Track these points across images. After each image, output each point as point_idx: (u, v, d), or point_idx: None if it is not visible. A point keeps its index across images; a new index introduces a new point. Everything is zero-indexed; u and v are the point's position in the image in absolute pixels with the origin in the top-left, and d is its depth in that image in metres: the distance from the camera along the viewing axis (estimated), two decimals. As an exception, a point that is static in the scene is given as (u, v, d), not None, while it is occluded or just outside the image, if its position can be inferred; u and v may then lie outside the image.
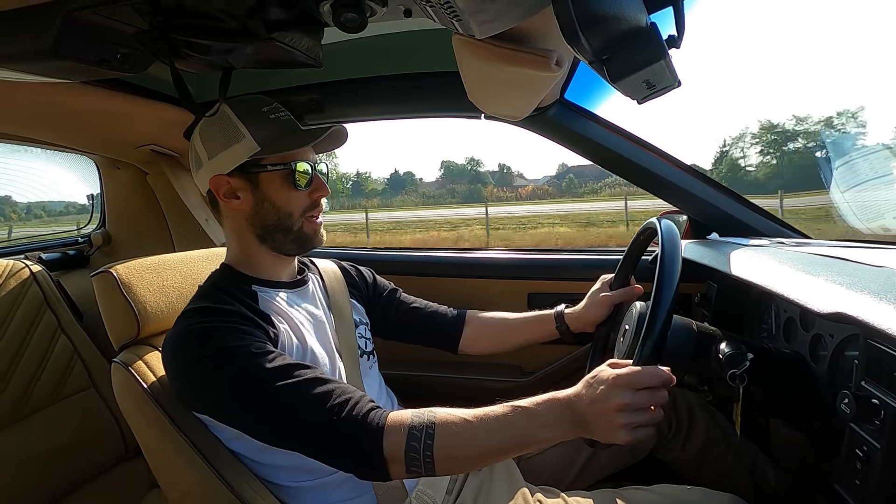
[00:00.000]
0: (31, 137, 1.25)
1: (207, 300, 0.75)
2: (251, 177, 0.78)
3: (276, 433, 0.67)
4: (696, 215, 1.19)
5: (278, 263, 0.85)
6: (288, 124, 0.80)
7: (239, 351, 0.66)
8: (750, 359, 0.67)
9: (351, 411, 0.63)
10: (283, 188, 0.78)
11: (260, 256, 0.82)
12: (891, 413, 0.51)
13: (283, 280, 0.86)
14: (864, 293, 0.52)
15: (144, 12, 0.61)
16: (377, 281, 1.07)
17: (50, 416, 1.17)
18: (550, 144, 1.23)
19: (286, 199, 0.78)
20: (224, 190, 0.78)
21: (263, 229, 0.80)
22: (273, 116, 0.79)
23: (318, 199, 0.82)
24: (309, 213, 0.81)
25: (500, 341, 1.03)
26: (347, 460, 0.64)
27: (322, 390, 0.65)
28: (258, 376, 0.64)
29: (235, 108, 0.78)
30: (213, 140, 0.78)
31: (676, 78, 0.53)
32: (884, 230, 1.05)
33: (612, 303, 0.95)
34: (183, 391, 0.74)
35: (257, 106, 0.79)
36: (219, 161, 0.77)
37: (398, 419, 0.63)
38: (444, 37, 0.69)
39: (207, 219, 1.46)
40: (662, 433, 0.97)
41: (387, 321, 1.04)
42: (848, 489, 0.58)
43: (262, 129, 0.77)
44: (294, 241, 0.81)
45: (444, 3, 0.49)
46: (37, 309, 1.22)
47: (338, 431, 0.63)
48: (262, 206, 0.78)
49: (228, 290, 0.77)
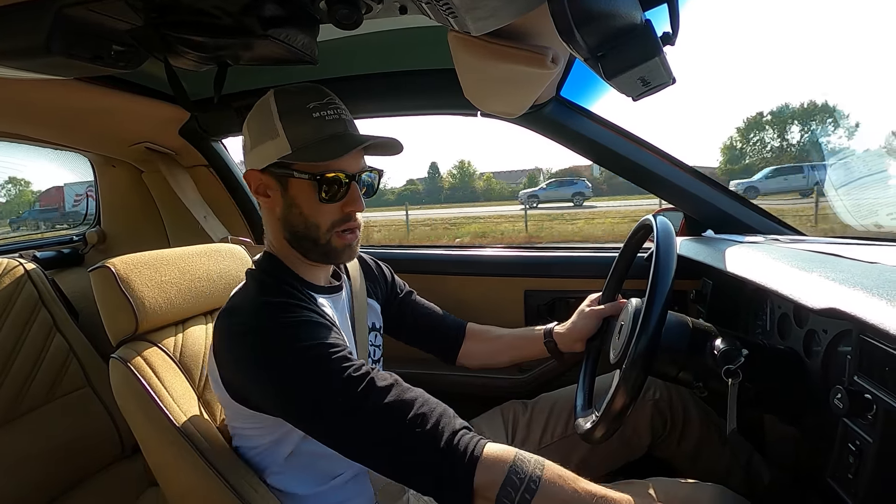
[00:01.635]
0: (26, 135, 1.24)
1: (282, 295, 0.70)
2: (281, 179, 0.72)
3: (354, 445, 0.62)
4: (691, 212, 1.20)
5: (314, 266, 0.80)
6: (333, 126, 0.71)
7: (333, 355, 0.63)
8: (745, 355, 0.68)
9: (445, 434, 0.59)
10: (310, 198, 0.72)
11: (292, 258, 0.78)
12: (883, 408, 0.52)
13: (321, 284, 0.81)
14: (857, 289, 0.53)
15: (138, 8, 0.61)
16: (395, 280, 1.05)
17: (45, 415, 1.16)
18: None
19: (313, 209, 0.72)
20: (256, 185, 0.75)
21: (292, 234, 0.74)
22: (317, 115, 0.71)
23: (350, 214, 0.74)
24: (339, 227, 0.73)
25: (491, 358, 1.04)
26: (431, 485, 0.59)
27: (412, 406, 0.60)
28: (348, 384, 0.61)
29: (281, 99, 0.71)
30: (255, 130, 0.73)
31: (671, 75, 0.53)
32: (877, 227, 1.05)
33: (602, 316, 0.94)
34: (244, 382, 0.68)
35: (305, 100, 0.71)
36: (256, 155, 0.73)
37: (499, 455, 0.58)
38: (440, 34, 0.69)
39: (206, 215, 1.45)
40: (657, 432, 0.98)
41: (400, 323, 1.02)
42: (841, 483, 0.58)
43: (299, 129, 0.70)
44: (322, 254, 0.76)
45: (440, 0, 0.49)
46: (31, 307, 1.22)
47: (427, 454, 0.58)
48: (291, 212, 0.73)
49: (288, 288, 0.73)
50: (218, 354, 0.71)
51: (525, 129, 1.18)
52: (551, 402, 1.03)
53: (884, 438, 0.52)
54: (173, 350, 0.84)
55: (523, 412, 1.04)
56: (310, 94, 0.72)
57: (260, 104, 0.73)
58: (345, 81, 1.20)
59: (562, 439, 0.98)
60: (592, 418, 0.72)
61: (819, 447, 0.66)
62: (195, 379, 0.85)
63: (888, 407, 0.51)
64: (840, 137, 27.91)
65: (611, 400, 0.67)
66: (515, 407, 1.05)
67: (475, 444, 0.59)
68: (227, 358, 0.69)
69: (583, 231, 11.96)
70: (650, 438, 0.98)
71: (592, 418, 0.72)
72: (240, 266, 1.01)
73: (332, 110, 0.72)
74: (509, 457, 0.58)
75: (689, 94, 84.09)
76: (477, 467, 0.57)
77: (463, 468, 0.57)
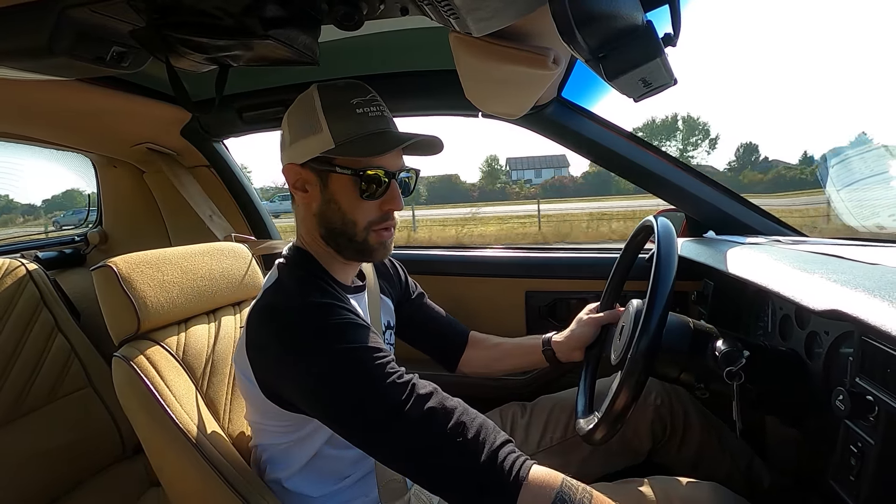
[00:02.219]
0: (28, 136, 1.24)
1: (326, 296, 0.69)
2: (322, 174, 0.72)
3: (389, 450, 0.61)
4: (692, 213, 1.20)
5: (345, 265, 0.80)
6: (376, 122, 0.72)
7: (377, 359, 0.62)
8: (746, 356, 0.68)
9: (486, 447, 0.57)
10: (350, 194, 0.72)
11: (324, 256, 0.78)
12: (885, 410, 0.51)
13: (348, 283, 0.81)
14: (859, 291, 0.52)
15: (140, 9, 0.61)
16: (409, 281, 1.05)
17: (47, 415, 1.16)
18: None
19: (352, 206, 0.72)
20: (295, 180, 0.75)
21: (328, 230, 0.75)
22: (360, 111, 0.71)
23: (388, 212, 0.74)
24: (376, 225, 0.74)
25: (490, 366, 1.04)
26: (468, 500, 0.58)
27: (452, 415, 0.59)
28: (391, 388, 0.60)
29: (325, 94, 0.72)
30: (296, 125, 0.73)
31: (672, 76, 0.53)
32: (879, 228, 1.05)
33: (600, 324, 0.94)
34: (283, 381, 0.67)
35: (348, 96, 0.72)
36: (296, 149, 0.73)
37: (545, 479, 0.56)
38: (441, 35, 0.69)
39: (211, 214, 1.46)
40: (658, 437, 0.97)
41: (408, 324, 1.02)
42: (843, 485, 0.58)
43: (343, 124, 0.70)
44: (356, 252, 0.76)
45: (441, 1, 0.49)
46: (33, 308, 1.22)
47: (467, 468, 0.56)
48: (329, 207, 0.73)
49: (325, 286, 0.73)
50: (255, 351, 0.69)
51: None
52: (551, 405, 1.03)
53: (885, 440, 0.52)
54: (176, 349, 0.84)
55: (522, 414, 1.03)
56: (353, 90, 0.72)
57: (302, 98, 0.73)
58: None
59: (561, 442, 0.98)
60: (593, 419, 0.72)
61: (821, 449, 0.66)
62: (198, 378, 0.85)
63: (890, 409, 0.51)
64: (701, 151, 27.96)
65: (612, 401, 0.67)
66: (514, 409, 1.05)
67: (521, 464, 0.57)
68: (266, 356, 0.68)
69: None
70: (650, 443, 0.98)
71: (593, 419, 0.72)
72: (242, 265, 1.01)
73: (375, 107, 0.73)
74: (556, 482, 0.56)
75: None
76: (522, 490, 0.55)
77: (507, 489, 0.55)
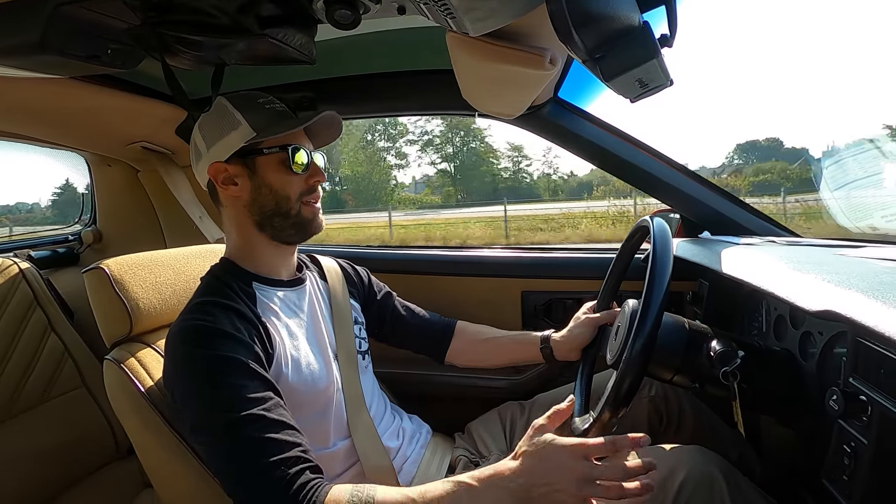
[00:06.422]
0: (21, 134, 1.23)
1: (212, 294, 0.74)
2: (248, 162, 0.78)
3: (208, 458, 0.68)
4: (688, 214, 1.20)
5: (278, 256, 0.85)
6: (283, 113, 0.81)
7: (226, 365, 0.65)
8: (741, 356, 0.68)
9: (289, 477, 0.60)
10: (279, 172, 0.79)
11: (260, 248, 0.82)
12: (878, 410, 0.52)
13: (283, 278, 0.86)
14: (853, 291, 0.53)
15: (136, 7, 0.61)
16: (372, 282, 1.08)
17: (40, 415, 1.15)
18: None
19: (283, 182, 0.79)
20: (222, 177, 0.79)
21: (262, 216, 0.80)
22: (268, 107, 0.80)
23: (314, 185, 0.82)
24: (306, 197, 0.81)
25: (485, 358, 1.05)
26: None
27: (267, 444, 0.61)
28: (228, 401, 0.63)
29: (233, 99, 0.79)
30: (211, 131, 0.79)
31: (669, 77, 0.53)
32: (872, 229, 1.06)
33: (597, 324, 0.95)
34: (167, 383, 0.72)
35: (254, 97, 0.81)
36: (216, 149, 0.78)
37: (335, 498, 0.60)
38: (438, 35, 0.69)
39: (201, 216, 1.45)
40: (654, 427, 0.98)
41: (381, 324, 1.05)
42: (836, 485, 0.59)
43: (257, 115, 0.78)
44: (294, 227, 0.81)
45: (438, 1, 0.49)
46: (26, 307, 1.21)
47: (270, 495, 0.59)
48: (260, 192, 0.79)
49: (230, 284, 0.77)
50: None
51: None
52: (549, 403, 1.03)
53: (879, 440, 0.52)
54: None
55: (521, 413, 1.04)
56: (256, 94, 0.82)
57: (212, 108, 0.79)
58: (343, 81, 1.20)
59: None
60: (589, 419, 0.73)
61: (814, 449, 0.66)
62: None
63: (883, 409, 0.51)
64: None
65: (607, 401, 0.68)
66: (513, 408, 1.06)
67: (316, 494, 0.60)
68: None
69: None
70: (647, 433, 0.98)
71: (589, 419, 0.73)
72: None
73: (277, 104, 0.82)
74: (344, 497, 0.60)
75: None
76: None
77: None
